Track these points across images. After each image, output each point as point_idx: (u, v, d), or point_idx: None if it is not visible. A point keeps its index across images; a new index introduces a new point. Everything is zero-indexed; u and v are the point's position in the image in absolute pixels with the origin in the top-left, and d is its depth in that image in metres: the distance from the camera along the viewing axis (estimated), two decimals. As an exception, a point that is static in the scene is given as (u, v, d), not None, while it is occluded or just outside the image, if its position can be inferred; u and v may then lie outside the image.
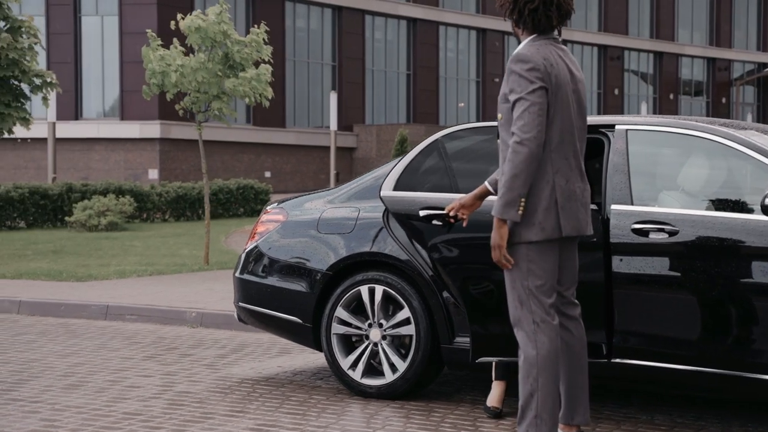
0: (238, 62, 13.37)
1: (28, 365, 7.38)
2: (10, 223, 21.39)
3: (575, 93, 4.88)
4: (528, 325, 4.79)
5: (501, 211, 4.69)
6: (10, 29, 15.78)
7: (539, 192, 4.74)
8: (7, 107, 15.63)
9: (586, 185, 4.95)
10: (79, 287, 11.31)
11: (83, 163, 35.61)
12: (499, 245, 4.75)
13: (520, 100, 4.67)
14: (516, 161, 4.64)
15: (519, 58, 4.73)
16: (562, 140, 4.78)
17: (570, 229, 4.82)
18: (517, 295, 4.81)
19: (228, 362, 7.57)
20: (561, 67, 4.80)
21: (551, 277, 4.83)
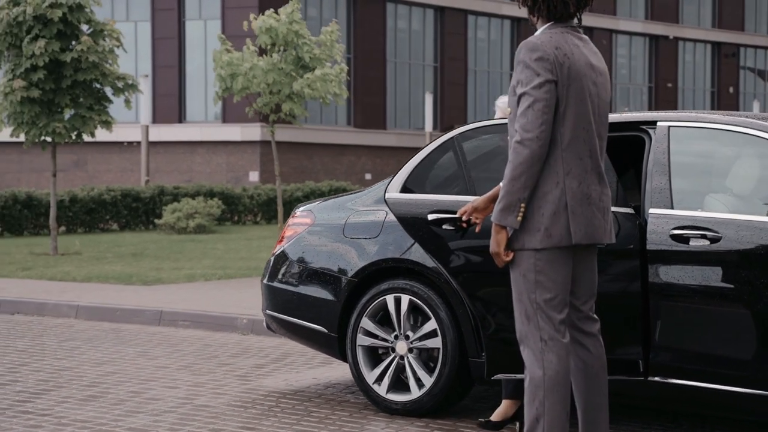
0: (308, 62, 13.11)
1: (58, 374, 7.19)
2: (102, 226, 21.59)
3: (595, 86, 4.41)
4: (535, 342, 4.34)
5: (499, 217, 4.27)
6: (93, 33, 15.81)
7: (546, 195, 4.29)
8: (89, 110, 15.66)
9: (605, 188, 4.48)
10: (143, 292, 11.17)
11: (186, 165, 35.95)
12: (496, 253, 4.33)
13: (525, 95, 4.24)
14: (516, 162, 4.22)
15: (528, 47, 4.30)
16: (576, 138, 4.32)
17: (582, 237, 4.34)
18: (524, 310, 4.37)
19: (263, 373, 7.26)
20: (577, 58, 4.34)
21: (562, 289, 4.38)
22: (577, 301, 4.53)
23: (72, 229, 21.11)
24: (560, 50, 4.29)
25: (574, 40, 4.39)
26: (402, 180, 5.46)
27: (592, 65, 4.42)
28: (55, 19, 15.12)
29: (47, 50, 14.96)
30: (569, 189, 4.30)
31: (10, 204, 20.22)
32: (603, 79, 4.47)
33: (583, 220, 4.33)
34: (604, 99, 4.48)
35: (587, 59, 4.40)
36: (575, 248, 4.40)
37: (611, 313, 5.33)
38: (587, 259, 4.53)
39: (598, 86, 4.42)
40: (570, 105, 4.30)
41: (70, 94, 15.46)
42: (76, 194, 21.07)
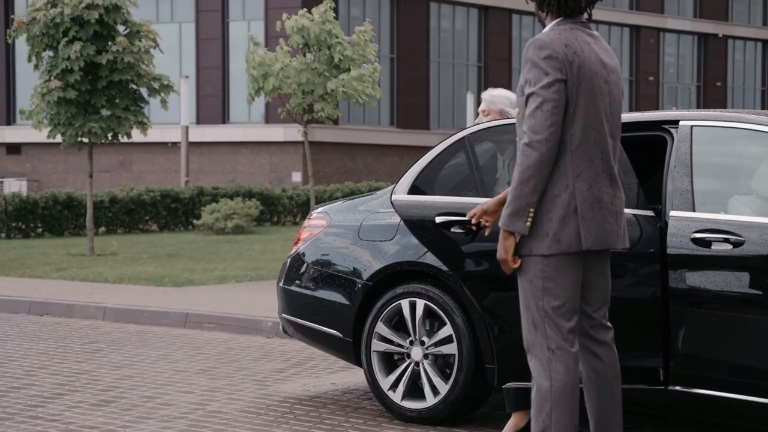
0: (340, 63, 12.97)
1: (75, 377, 7.12)
2: (142, 226, 21.62)
3: (607, 84, 4.23)
4: (542, 351, 4.17)
5: (507, 222, 4.10)
6: (129, 34, 15.81)
7: (555, 199, 4.12)
8: (125, 111, 15.65)
9: (618, 191, 4.29)
10: (172, 293, 11.11)
11: (230, 166, 36.02)
12: (504, 260, 4.16)
13: (533, 95, 4.07)
14: (524, 166, 4.05)
15: (536, 44, 4.12)
16: (586, 139, 4.14)
17: (593, 242, 4.16)
18: (531, 317, 4.20)
19: (282, 378, 7.14)
20: (587, 56, 4.16)
21: (571, 297, 4.20)
22: (589, 308, 4.35)
23: (112, 229, 21.17)
24: (570, 48, 4.12)
25: (584, 36, 4.21)
26: (409, 181, 5.29)
27: (604, 63, 4.24)
28: (91, 20, 15.12)
29: (83, 54, 14.96)
30: (579, 192, 4.12)
31: (51, 205, 20.30)
32: (615, 77, 4.29)
33: (593, 225, 4.15)
34: (617, 98, 4.29)
35: (598, 56, 4.22)
36: (586, 254, 4.23)
37: (630, 320, 5.15)
38: (599, 264, 4.35)
39: (609, 84, 4.24)
40: (580, 105, 4.13)
41: (106, 95, 15.46)
42: (115, 195, 21.12)
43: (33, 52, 15.56)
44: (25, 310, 10.62)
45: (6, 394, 6.56)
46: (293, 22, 13.14)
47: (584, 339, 4.35)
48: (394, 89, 38.30)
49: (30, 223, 20.23)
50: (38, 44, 15.43)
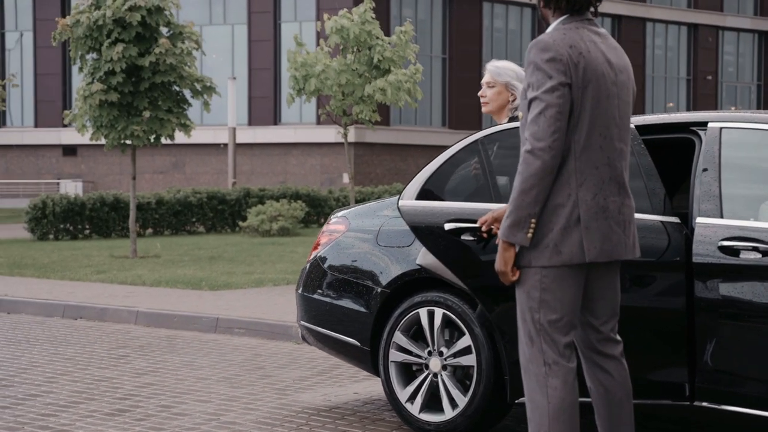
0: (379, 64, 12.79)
1: (95, 384, 7.01)
2: (189, 228, 21.61)
3: (615, 86, 3.99)
4: (538, 367, 3.95)
5: (507, 233, 3.88)
6: (172, 35, 15.76)
7: (557, 209, 3.89)
8: (168, 113, 15.60)
9: (626, 199, 4.05)
10: (207, 297, 11.00)
11: (281, 167, 36.03)
12: (503, 272, 3.95)
13: (535, 100, 3.84)
14: (526, 174, 3.82)
15: (539, 46, 3.90)
16: (592, 145, 3.92)
17: (597, 254, 3.93)
18: (528, 331, 3.99)
19: (304, 386, 6.96)
20: (594, 56, 3.93)
21: (570, 311, 3.97)
22: (596, 321, 4.12)
23: (159, 231, 21.19)
24: (575, 48, 3.88)
25: (590, 35, 3.97)
26: (418, 186, 5.06)
27: (611, 63, 4.00)
28: (133, 22, 15.09)
29: (125, 55, 14.94)
30: (582, 202, 3.90)
31: (98, 206, 20.37)
32: (624, 77, 4.04)
33: (598, 236, 3.92)
34: (626, 100, 4.05)
35: (606, 57, 3.98)
36: (592, 266, 4.00)
37: (654, 331, 4.92)
38: (608, 276, 4.12)
39: (618, 86, 4.00)
40: (586, 109, 3.89)
41: (148, 97, 15.42)
42: (162, 196, 21.14)
43: (76, 55, 15.58)
44: (60, 314, 10.58)
45: (22, 402, 6.46)
46: (333, 23, 12.97)
47: (591, 353, 4.13)
48: (446, 90, 38.08)
49: (77, 225, 20.31)
50: (82, 46, 15.44)
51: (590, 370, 4.15)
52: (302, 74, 12.79)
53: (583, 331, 4.13)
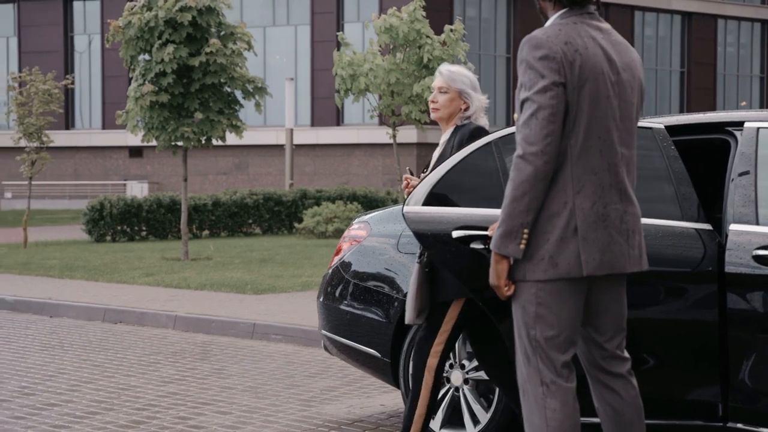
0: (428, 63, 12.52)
1: (117, 393, 6.83)
2: (245, 229, 21.51)
3: (617, 85, 3.65)
4: (535, 387, 3.65)
5: (498, 244, 3.58)
6: (223, 36, 15.64)
7: (553, 218, 3.59)
8: (219, 114, 15.48)
9: (629, 206, 3.72)
10: (248, 301, 10.81)
11: (343, 168, 35.89)
12: (496, 286, 3.65)
13: (527, 101, 3.54)
14: (517, 181, 3.53)
15: (531, 43, 3.59)
16: (590, 149, 3.59)
17: (596, 266, 3.61)
18: (524, 348, 3.70)
19: (331, 397, 6.72)
20: (592, 53, 3.59)
21: (568, 327, 3.66)
22: (601, 338, 3.81)
23: (215, 233, 21.12)
24: (570, 45, 3.56)
25: (589, 31, 3.64)
26: (425, 191, 4.78)
27: (613, 60, 3.66)
28: (185, 22, 14.99)
29: (175, 56, 14.84)
30: (580, 210, 3.58)
31: (155, 208, 20.36)
32: (628, 76, 3.70)
33: (597, 247, 3.60)
34: (629, 100, 3.71)
35: (607, 54, 3.64)
36: (593, 278, 3.68)
37: (684, 347, 4.59)
38: (612, 289, 3.80)
39: (620, 86, 3.67)
40: (582, 110, 3.57)
41: (199, 99, 15.31)
42: (218, 198, 21.07)
43: (128, 56, 15.52)
44: (101, 318, 10.47)
45: (38, 412, 6.30)
46: (382, 22, 12.72)
47: (596, 371, 3.83)
48: (510, 89, 37.64)
49: (134, 227, 20.32)
50: (133, 48, 15.38)
51: (596, 389, 3.85)
52: (349, 73, 12.55)
53: (587, 348, 3.83)
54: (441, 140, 5.09)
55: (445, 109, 4.98)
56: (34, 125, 18.65)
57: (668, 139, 4.80)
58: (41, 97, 18.92)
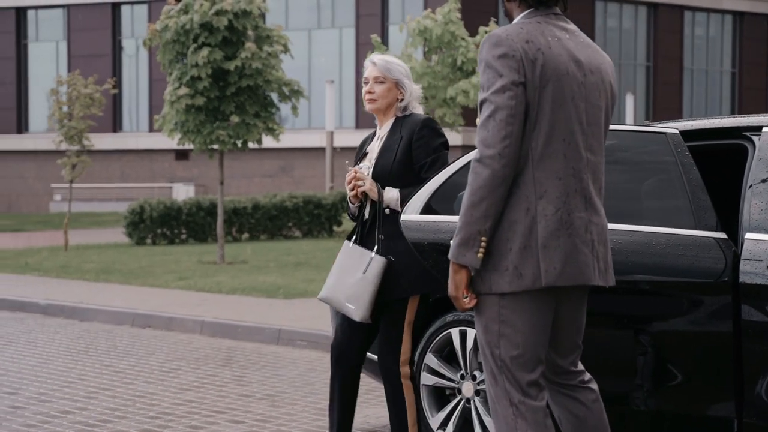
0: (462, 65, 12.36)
1: (133, 401, 6.77)
2: (285, 233, 21.47)
3: (584, 87, 3.46)
4: (504, 408, 3.48)
5: (455, 253, 3.39)
6: (258, 38, 15.60)
7: (514, 225, 3.39)
8: (255, 117, 15.44)
9: (595, 216, 3.51)
10: (278, 306, 10.73)
11: (388, 171, 35.75)
12: (455, 297, 3.46)
13: (485, 102, 3.37)
14: (474, 186, 3.34)
15: (490, 41, 3.42)
16: (553, 153, 3.40)
17: (556, 276, 3.39)
18: (489, 368, 3.51)
19: (348, 406, 6.60)
20: (556, 53, 3.41)
21: (534, 345, 3.47)
22: (555, 355, 3.63)
23: (255, 236, 21.10)
24: (532, 44, 3.38)
25: (554, 30, 3.47)
26: (424, 199, 4.64)
27: (579, 61, 3.47)
28: (220, 26, 14.97)
29: (210, 59, 14.82)
30: (542, 217, 3.38)
31: (194, 211, 20.38)
32: (596, 79, 3.51)
33: (559, 256, 3.38)
34: (597, 103, 3.51)
35: (572, 54, 3.46)
36: (560, 291, 3.48)
37: (697, 360, 4.41)
38: (573, 303, 3.60)
39: (587, 88, 3.47)
40: (545, 111, 3.38)
41: (235, 102, 15.28)
42: (258, 201, 21.04)
43: (165, 60, 15.53)
44: (130, 322, 10.45)
45: (51, 420, 6.25)
46: (416, 24, 12.59)
47: (550, 384, 3.68)
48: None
49: (174, 230, 20.36)
50: (170, 51, 15.39)
51: (555, 398, 3.68)
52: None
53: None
54: (380, 132, 4.90)
55: (383, 100, 4.81)
56: (75, 129, 18.76)
57: (683, 145, 4.63)
58: (82, 101, 19.02)
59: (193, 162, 38.59)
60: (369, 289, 4.66)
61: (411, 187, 4.72)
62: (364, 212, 4.82)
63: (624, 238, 4.57)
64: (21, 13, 41.66)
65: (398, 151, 4.71)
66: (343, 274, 4.75)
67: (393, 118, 4.84)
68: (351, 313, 4.71)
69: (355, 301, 4.68)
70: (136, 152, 39.70)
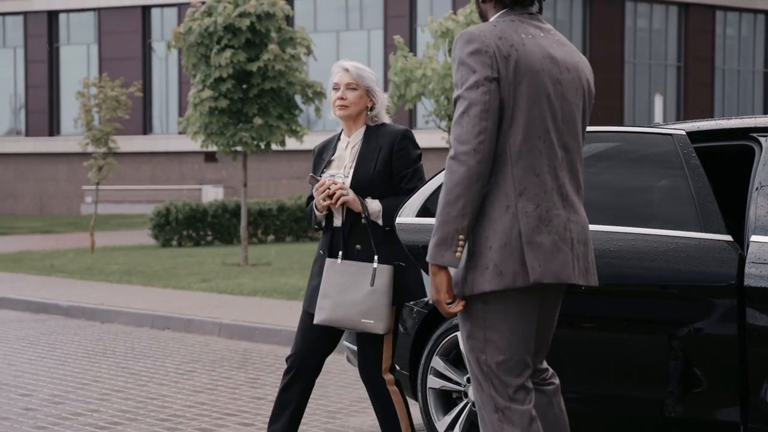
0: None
1: (145, 403, 6.77)
2: (311, 234, 21.47)
3: (558, 84, 3.41)
4: (490, 413, 3.42)
5: (434, 254, 3.32)
6: (282, 41, 15.61)
7: (494, 223, 3.33)
8: (278, 119, 15.45)
9: (574, 214, 3.45)
10: (297, 308, 10.69)
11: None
12: (437, 300, 3.39)
13: (459, 99, 3.32)
14: (450, 184, 3.29)
15: (463, 38, 3.38)
16: (531, 149, 3.35)
17: (542, 273, 3.32)
18: (475, 374, 3.46)
19: (359, 409, 6.59)
20: (531, 49, 3.37)
21: (520, 349, 3.41)
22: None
23: (280, 238, 21.12)
24: (505, 40, 3.33)
25: (528, 29, 3.42)
26: (420, 201, 4.59)
27: (555, 59, 3.42)
28: (243, 28, 15.00)
29: (233, 61, 14.85)
30: (523, 213, 3.32)
31: (220, 213, 20.43)
32: (572, 76, 3.45)
33: (542, 253, 3.32)
34: (574, 102, 3.45)
35: (546, 51, 3.41)
36: (543, 291, 3.44)
37: (702, 364, 4.36)
38: (551, 302, 3.55)
39: (564, 85, 3.41)
40: (520, 107, 3.33)
41: (258, 104, 15.31)
42: (283, 203, 21.07)
43: (189, 62, 15.58)
44: (149, 324, 10.48)
45: (61, 422, 6.27)
46: (437, 26, 12.55)
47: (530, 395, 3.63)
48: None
49: (200, 231, 20.41)
50: (194, 54, 15.43)
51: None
52: (402, 79, 12.40)
53: None
54: (349, 140, 4.74)
55: (355, 107, 4.69)
56: (101, 131, 18.85)
57: (689, 147, 4.57)
58: (108, 103, 19.12)
59: (222, 164, 38.72)
60: (384, 300, 4.56)
61: (391, 199, 4.63)
62: (333, 223, 4.70)
63: (629, 241, 4.51)
64: (53, 16, 42.00)
65: (378, 161, 4.62)
66: (344, 293, 4.57)
67: (363, 126, 4.73)
68: (372, 328, 4.55)
69: (374, 316, 4.57)
70: (166, 154, 39.91)
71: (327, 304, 4.60)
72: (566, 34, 37.05)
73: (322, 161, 4.80)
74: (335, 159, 4.75)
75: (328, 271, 4.61)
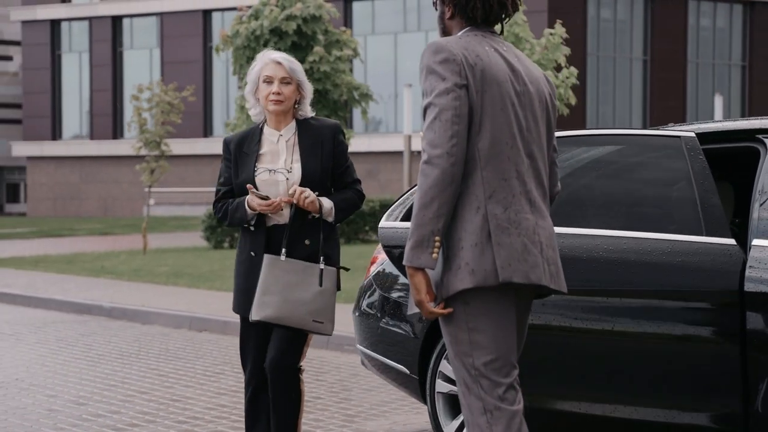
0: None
1: (167, 405, 6.81)
2: (362, 236, 21.51)
3: (523, 96, 3.46)
4: (478, 416, 3.40)
5: (410, 257, 3.34)
6: (328, 43, 15.66)
7: (465, 224, 3.36)
8: (325, 122, 15.47)
9: (541, 219, 3.47)
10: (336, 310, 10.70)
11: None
12: (419, 301, 3.39)
13: (430, 106, 3.36)
14: (425, 187, 3.31)
15: (431, 48, 3.43)
16: (498, 154, 3.39)
17: (511, 273, 3.33)
18: (461, 377, 3.45)
19: (378, 412, 6.56)
20: (494, 61, 3.42)
21: (506, 348, 3.42)
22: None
23: (332, 240, 21.15)
24: (471, 50, 3.39)
25: (491, 43, 3.48)
26: (405, 206, 4.53)
27: (516, 71, 3.48)
28: (289, 31, 15.08)
29: (279, 63, 14.92)
30: (492, 215, 3.35)
31: (272, 215, 20.52)
32: (533, 89, 3.51)
33: (510, 253, 3.34)
34: (536, 112, 3.51)
35: (509, 63, 3.47)
36: (518, 294, 3.45)
37: (702, 371, 4.26)
38: (522, 305, 3.55)
39: (526, 96, 3.48)
40: (487, 114, 3.38)
41: (304, 106, 15.35)
42: (334, 205, 21.11)
43: (236, 65, 15.69)
44: (187, 326, 10.55)
45: (81, 423, 6.32)
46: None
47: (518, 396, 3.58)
48: (647, 92, 36.75)
49: (252, 234, 20.51)
50: (240, 57, 15.54)
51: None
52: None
53: None
54: (281, 134, 4.61)
55: (289, 102, 4.57)
56: (153, 134, 19.05)
57: (697, 149, 4.48)
58: (162, 107, 19.32)
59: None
60: (332, 301, 4.56)
61: (338, 195, 4.61)
62: (267, 222, 4.63)
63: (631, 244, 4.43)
64: (117, 22, 42.59)
65: (323, 156, 4.58)
66: (291, 291, 4.48)
67: (293, 120, 4.68)
68: (321, 329, 4.52)
69: (324, 317, 4.54)
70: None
71: (272, 301, 4.47)
72: (627, 34, 36.71)
73: (245, 155, 4.62)
74: (265, 153, 4.61)
75: (270, 268, 4.49)
